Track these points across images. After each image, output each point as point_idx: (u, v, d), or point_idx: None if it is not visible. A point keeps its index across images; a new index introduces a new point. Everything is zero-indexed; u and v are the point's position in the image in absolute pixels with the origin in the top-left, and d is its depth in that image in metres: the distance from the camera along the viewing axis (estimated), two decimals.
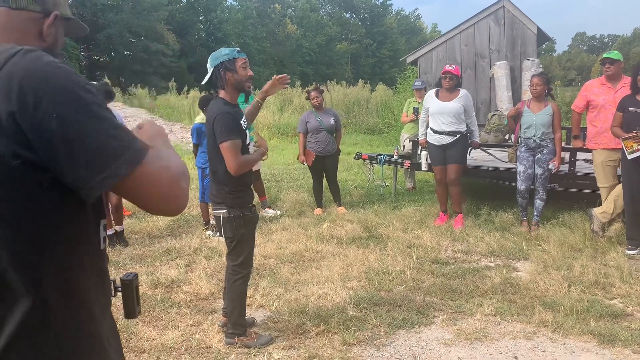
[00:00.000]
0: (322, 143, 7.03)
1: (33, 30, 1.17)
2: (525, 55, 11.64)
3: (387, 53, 54.07)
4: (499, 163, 7.06)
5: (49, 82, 0.99)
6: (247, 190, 3.48)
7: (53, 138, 0.97)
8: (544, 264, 4.88)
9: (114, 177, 1.02)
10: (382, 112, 18.44)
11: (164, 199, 1.11)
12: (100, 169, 1.01)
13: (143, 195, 1.09)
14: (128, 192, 1.09)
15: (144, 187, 1.08)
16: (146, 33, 33.60)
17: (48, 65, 1.02)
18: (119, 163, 1.02)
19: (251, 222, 3.47)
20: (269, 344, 3.49)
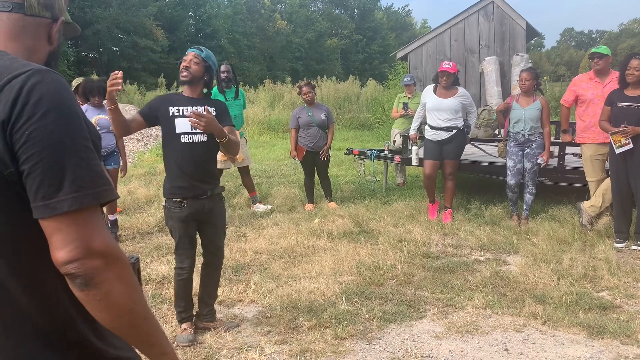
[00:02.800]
0: (313, 138, 7.02)
1: (43, 35, 1.25)
2: (514, 50, 11.69)
3: (377, 49, 54.08)
4: (489, 157, 7.10)
5: (56, 101, 1.03)
6: (176, 180, 3.39)
7: (35, 150, 1.00)
8: (534, 258, 4.92)
9: (53, 208, 1.00)
10: (373, 108, 18.45)
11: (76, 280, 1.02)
12: (55, 193, 1.00)
13: (59, 244, 1.01)
14: (51, 232, 1.02)
15: (70, 237, 1.01)
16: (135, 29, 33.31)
17: (58, 87, 1.06)
18: (69, 196, 1.01)
19: (175, 217, 3.41)
20: (183, 343, 3.47)
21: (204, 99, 3.48)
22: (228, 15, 41.27)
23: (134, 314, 1.08)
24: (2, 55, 1.11)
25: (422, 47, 12.48)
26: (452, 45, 12.21)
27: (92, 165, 1.06)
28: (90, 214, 1.04)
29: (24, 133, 1.00)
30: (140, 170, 9.60)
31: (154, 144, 13.25)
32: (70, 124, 1.05)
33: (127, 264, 1.09)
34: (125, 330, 1.09)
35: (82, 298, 1.03)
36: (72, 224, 1.01)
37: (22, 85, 1.02)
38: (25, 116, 1.00)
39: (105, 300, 1.03)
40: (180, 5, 39.46)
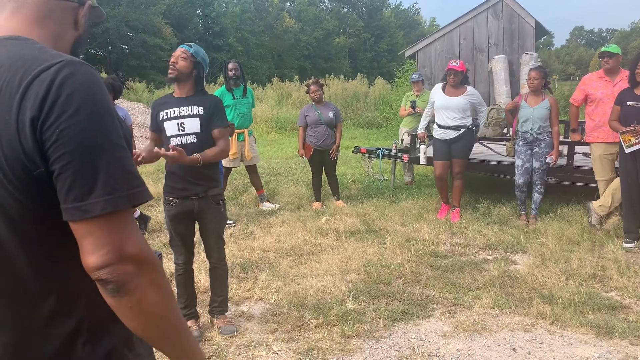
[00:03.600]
0: (321, 137, 7.03)
1: (69, 20, 1.18)
2: (523, 49, 11.62)
3: (385, 47, 53.92)
4: (497, 157, 7.07)
5: (88, 97, 0.98)
6: (169, 180, 3.48)
7: (67, 149, 0.95)
8: (542, 257, 4.90)
9: (84, 211, 0.95)
10: (381, 106, 18.42)
11: (105, 284, 0.97)
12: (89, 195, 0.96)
13: (91, 249, 0.96)
14: (82, 235, 0.97)
15: (102, 239, 0.96)
16: (144, 27, 33.41)
17: (90, 81, 1.00)
18: (102, 199, 0.96)
19: (166, 214, 3.54)
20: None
21: (194, 97, 3.44)
22: (236, 14, 41.31)
23: (166, 322, 1.03)
24: (30, 45, 1.04)
25: (430, 45, 12.43)
26: (460, 43, 12.15)
27: (126, 164, 1.01)
28: (123, 216, 0.98)
29: (55, 131, 0.94)
30: (149, 167, 9.64)
31: None
32: (103, 121, 0.99)
33: (160, 269, 1.04)
34: (157, 338, 1.04)
35: (114, 305, 0.98)
36: (104, 228, 0.96)
37: (52, 79, 0.96)
38: (56, 113, 0.94)
39: (137, 308, 0.98)
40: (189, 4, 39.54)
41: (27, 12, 1.11)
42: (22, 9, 1.11)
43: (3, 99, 0.96)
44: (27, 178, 0.96)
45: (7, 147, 0.95)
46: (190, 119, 3.38)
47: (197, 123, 3.39)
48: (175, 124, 3.37)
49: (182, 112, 3.39)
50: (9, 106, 0.95)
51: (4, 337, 1.05)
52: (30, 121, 0.94)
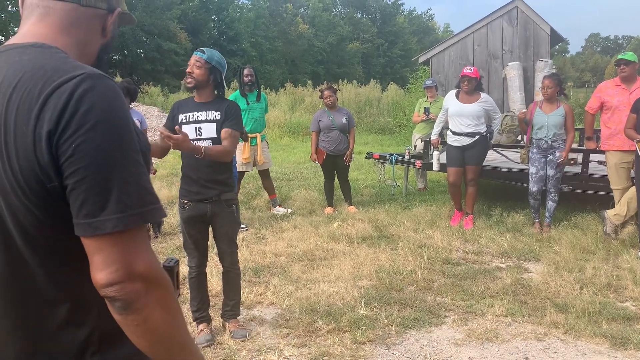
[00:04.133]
0: (334, 142, 7.04)
1: (97, 27, 1.17)
2: (538, 56, 11.56)
3: (398, 53, 53.95)
4: (511, 164, 7.03)
5: (106, 112, 0.97)
6: (184, 183, 3.51)
7: (81, 165, 0.94)
8: (556, 266, 4.86)
9: (95, 228, 0.95)
10: (394, 112, 18.40)
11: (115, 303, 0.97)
12: (100, 212, 0.95)
13: (100, 265, 0.96)
14: (92, 251, 0.97)
15: (111, 259, 0.95)
16: (159, 32, 33.75)
17: (110, 96, 0.99)
18: (115, 216, 0.95)
19: (180, 217, 3.57)
20: (202, 344, 3.51)
21: (213, 102, 3.47)
22: (250, 19, 41.56)
23: (173, 342, 1.02)
24: (53, 54, 1.04)
25: (444, 51, 12.42)
26: (474, 50, 12.12)
27: (141, 181, 1.00)
28: (135, 234, 0.97)
29: (71, 146, 0.93)
30: (163, 171, 9.72)
31: None
32: (121, 137, 0.98)
33: (169, 288, 1.03)
34: (163, 357, 1.03)
35: (121, 321, 0.98)
36: (114, 245, 0.95)
37: (72, 92, 0.95)
38: (73, 127, 0.93)
39: (143, 326, 0.98)
40: (204, 9, 39.88)
41: (53, 19, 1.11)
42: (49, 15, 1.11)
43: (22, 109, 0.96)
44: (41, 191, 0.96)
45: (23, 159, 0.95)
46: (208, 124, 3.42)
47: (213, 128, 3.42)
48: (193, 128, 3.41)
49: (199, 116, 3.43)
50: (28, 117, 0.95)
51: (16, 344, 1.06)
52: (47, 134, 0.93)
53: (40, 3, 1.11)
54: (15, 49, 1.05)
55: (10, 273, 1.03)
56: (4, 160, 0.96)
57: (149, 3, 33.51)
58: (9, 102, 0.97)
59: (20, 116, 0.96)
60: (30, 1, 1.12)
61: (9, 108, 0.97)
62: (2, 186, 0.98)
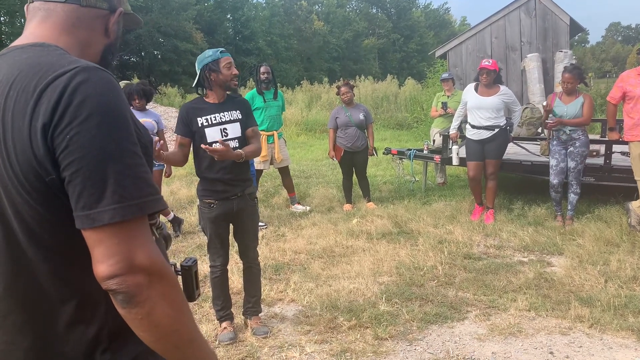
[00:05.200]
0: (352, 138, 7.01)
1: (99, 27, 1.18)
2: (557, 47, 11.38)
3: (414, 47, 53.60)
4: (532, 157, 6.94)
5: (100, 103, 0.97)
6: (206, 184, 3.50)
7: (76, 156, 0.94)
8: (579, 259, 4.79)
9: (93, 219, 0.94)
10: (411, 107, 18.29)
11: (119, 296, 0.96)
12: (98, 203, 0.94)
13: (100, 258, 0.95)
14: (93, 244, 0.96)
15: (112, 250, 0.94)
16: (175, 33, 33.99)
17: (105, 87, 0.99)
18: (113, 207, 0.94)
19: (205, 217, 3.53)
20: (224, 342, 3.52)
21: (228, 102, 3.52)
22: (265, 17, 41.65)
23: (179, 336, 1.00)
24: (51, 51, 1.05)
25: (461, 44, 12.30)
26: (492, 42, 11.98)
27: (139, 172, 0.99)
28: (135, 226, 0.96)
29: (65, 138, 0.93)
30: (182, 171, 9.79)
31: None
32: (116, 128, 0.97)
33: (173, 281, 1.01)
34: (170, 352, 1.01)
35: (124, 315, 0.97)
36: (113, 237, 0.94)
37: (65, 85, 0.95)
38: (67, 119, 0.93)
39: (147, 320, 0.96)
40: (219, 9, 40.06)
41: (55, 19, 1.12)
42: (50, 17, 1.12)
43: (18, 105, 0.96)
44: (40, 185, 0.96)
45: (21, 154, 0.96)
46: (232, 124, 3.47)
47: (238, 127, 3.48)
48: (218, 130, 3.43)
49: (223, 117, 3.45)
50: (24, 112, 0.95)
51: (25, 342, 1.06)
52: (42, 127, 0.93)
53: (42, 6, 1.13)
54: (16, 50, 1.07)
55: (16, 271, 1.04)
56: (4, 157, 0.98)
57: (165, 4, 33.77)
58: (6, 99, 0.98)
59: (17, 112, 0.97)
60: (33, 5, 1.15)
61: (7, 105, 0.98)
62: (4, 184, 0.99)
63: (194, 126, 3.44)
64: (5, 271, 1.05)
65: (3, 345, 1.08)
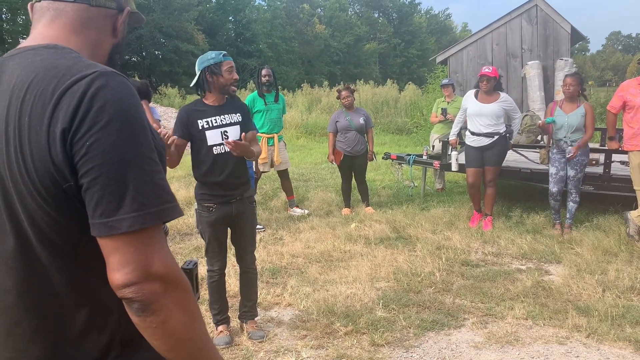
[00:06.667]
0: (351, 143, 7.01)
1: (108, 27, 1.17)
2: (558, 54, 11.40)
3: (415, 52, 53.71)
4: (531, 164, 6.94)
5: (119, 110, 0.96)
6: (206, 188, 3.47)
7: (95, 163, 0.93)
8: (577, 268, 4.78)
9: (111, 227, 0.93)
10: (411, 112, 18.30)
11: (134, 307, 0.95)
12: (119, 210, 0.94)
13: (116, 266, 0.94)
14: (109, 252, 0.95)
15: (127, 258, 0.94)
16: (177, 33, 34.03)
17: (123, 93, 0.98)
18: (134, 214, 0.94)
19: (204, 221, 3.50)
20: (220, 345, 3.50)
21: (228, 104, 3.50)
22: (267, 20, 41.71)
23: (192, 344, 0.99)
24: (65, 54, 1.03)
25: (462, 51, 12.31)
26: (493, 49, 12.00)
27: (157, 179, 0.98)
28: (152, 233, 0.95)
29: (85, 144, 0.92)
30: (181, 172, 9.77)
31: None
32: (135, 134, 0.96)
33: (188, 289, 1.00)
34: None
35: (139, 324, 0.96)
36: (130, 245, 0.93)
37: (85, 90, 0.94)
38: (87, 125, 0.93)
39: (162, 328, 0.95)
40: (221, 10, 40.13)
41: (65, 20, 1.11)
42: (60, 17, 1.11)
43: (36, 109, 0.95)
44: (56, 191, 0.95)
45: (38, 159, 0.94)
46: (233, 127, 3.45)
47: (238, 130, 3.46)
48: (219, 132, 3.41)
49: (223, 120, 3.44)
50: (41, 117, 0.94)
51: (37, 351, 1.05)
52: (61, 133, 0.92)
53: (51, 6, 1.11)
54: (28, 51, 1.05)
55: (29, 277, 1.02)
56: (19, 162, 0.96)
57: (167, 5, 33.80)
58: (22, 103, 0.97)
59: (34, 116, 0.95)
60: (40, 5, 1.12)
61: (23, 109, 0.96)
62: (18, 189, 0.97)
63: (194, 129, 3.41)
64: (19, 278, 1.03)
65: (14, 354, 1.06)
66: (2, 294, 1.05)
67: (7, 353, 1.07)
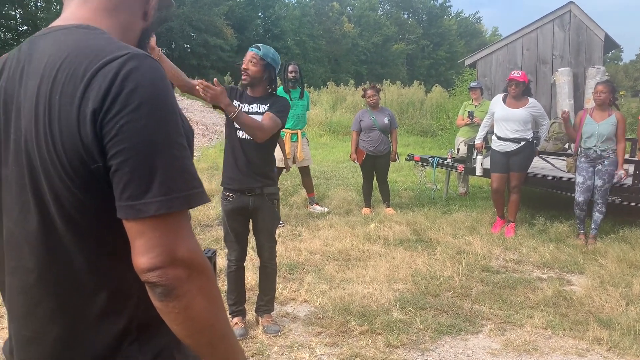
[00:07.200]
0: (375, 142, 6.97)
1: (139, 10, 1.16)
2: (590, 62, 11.17)
3: (443, 55, 53.22)
4: (557, 172, 6.81)
5: (151, 93, 0.95)
6: (226, 174, 3.53)
7: (125, 145, 0.92)
8: (601, 280, 4.67)
9: (138, 210, 0.93)
10: (437, 114, 18.13)
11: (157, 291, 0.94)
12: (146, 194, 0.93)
13: (142, 250, 0.94)
14: (134, 235, 0.94)
15: (148, 244, 0.93)
16: (206, 27, 34.28)
17: (155, 76, 0.98)
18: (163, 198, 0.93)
19: (223, 209, 3.57)
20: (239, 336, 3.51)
21: (264, 97, 3.49)
22: (296, 17, 41.76)
23: (213, 331, 0.99)
24: (97, 34, 1.03)
25: (491, 54, 12.15)
26: (523, 54, 11.81)
27: (185, 165, 0.97)
28: (178, 218, 0.95)
29: (115, 125, 0.92)
30: (204, 164, 9.84)
31: (218, 139, 13.56)
32: (165, 119, 0.96)
33: (212, 276, 1.00)
34: (203, 347, 1.00)
35: (160, 308, 0.95)
36: (157, 229, 0.92)
37: (117, 72, 0.93)
38: (118, 107, 0.92)
39: (184, 314, 0.95)
40: (251, 6, 40.31)
41: (96, 2, 1.10)
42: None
43: (67, 89, 0.95)
44: (84, 172, 0.95)
45: (67, 139, 0.94)
46: (258, 116, 3.44)
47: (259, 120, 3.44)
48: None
49: (251, 108, 3.46)
50: (72, 97, 0.94)
51: (54, 332, 1.05)
52: (91, 113, 0.92)
53: None
54: (60, 31, 1.04)
55: (51, 258, 1.02)
56: (48, 141, 0.95)
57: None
58: (53, 82, 0.96)
59: (65, 96, 0.94)
60: None
61: (54, 88, 0.96)
62: (46, 169, 0.97)
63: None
64: (40, 258, 1.03)
65: (32, 333, 1.07)
66: (24, 274, 1.05)
67: (26, 332, 1.08)
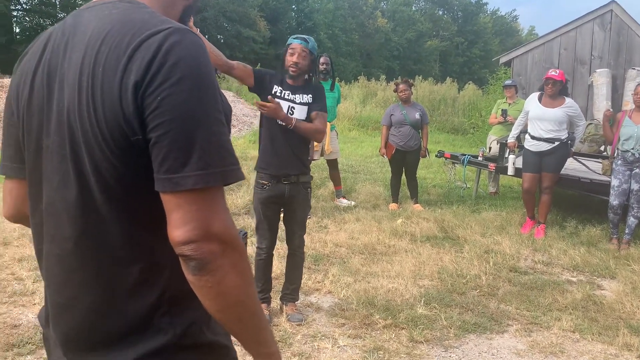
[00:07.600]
0: (405, 137, 6.91)
1: None
2: (630, 64, 10.84)
3: (478, 52, 52.36)
4: (592, 174, 6.66)
5: (193, 67, 0.96)
6: (261, 165, 3.54)
7: (166, 118, 0.93)
8: (633, 285, 4.56)
9: (176, 184, 0.93)
10: (469, 112, 17.90)
11: (191, 265, 0.95)
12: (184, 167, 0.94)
13: (178, 223, 0.94)
14: (171, 208, 0.95)
15: (189, 216, 0.94)
16: (239, 18, 34.43)
17: (197, 51, 0.98)
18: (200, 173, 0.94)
19: (257, 198, 3.57)
20: None
21: (305, 86, 3.54)
22: (330, 10, 41.62)
23: (244, 308, 1.00)
24: (140, 8, 1.04)
25: (527, 53, 11.91)
26: (560, 53, 11.55)
27: (223, 141, 0.98)
28: (214, 194, 0.96)
29: (156, 98, 0.92)
30: None
31: (248, 130, 13.66)
32: (205, 94, 0.96)
33: (244, 253, 1.01)
34: (233, 323, 1.01)
35: (193, 282, 0.96)
36: (193, 203, 0.93)
37: (159, 45, 0.94)
38: (159, 80, 0.93)
39: (216, 288, 0.96)
40: None
41: None
42: None
43: (110, 61, 0.96)
44: (124, 143, 0.96)
45: (109, 111, 0.95)
46: (301, 106, 3.48)
47: (305, 111, 3.49)
48: (287, 105, 3.46)
49: (295, 98, 3.48)
50: (115, 69, 0.95)
51: (88, 299, 1.06)
52: (133, 85, 0.93)
53: None
54: (104, 4, 1.06)
55: (88, 227, 1.04)
56: (91, 112, 0.97)
57: None
58: (97, 54, 0.97)
59: (108, 68, 0.96)
60: None
61: (97, 60, 0.97)
62: (87, 139, 0.98)
63: (266, 85, 3.48)
64: (77, 227, 1.04)
65: (66, 300, 1.09)
66: (62, 242, 1.07)
67: (61, 299, 1.10)
